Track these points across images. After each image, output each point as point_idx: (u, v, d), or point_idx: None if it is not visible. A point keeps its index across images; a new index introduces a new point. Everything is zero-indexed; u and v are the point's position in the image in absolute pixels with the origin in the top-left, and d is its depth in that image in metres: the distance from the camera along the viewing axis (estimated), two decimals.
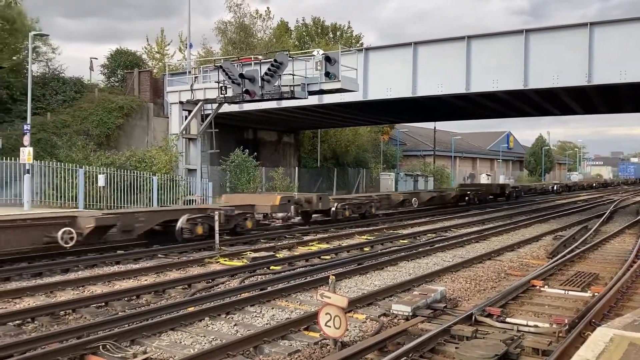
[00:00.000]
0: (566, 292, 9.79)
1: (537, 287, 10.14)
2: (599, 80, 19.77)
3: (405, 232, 19.33)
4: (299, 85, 19.62)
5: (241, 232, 16.80)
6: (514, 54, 21.10)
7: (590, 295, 9.45)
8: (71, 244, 12.38)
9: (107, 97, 27.59)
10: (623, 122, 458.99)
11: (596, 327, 5.50)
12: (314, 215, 21.76)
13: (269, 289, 9.86)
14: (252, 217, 17.36)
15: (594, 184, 72.68)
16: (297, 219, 21.22)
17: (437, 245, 15.54)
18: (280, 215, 19.07)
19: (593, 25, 19.82)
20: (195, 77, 24.53)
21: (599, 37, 19.68)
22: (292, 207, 19.06)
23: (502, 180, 63.05)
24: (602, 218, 23.24)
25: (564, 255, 13.38)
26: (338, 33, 50.13)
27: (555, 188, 54.04)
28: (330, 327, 6.58)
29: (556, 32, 20.91)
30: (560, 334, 7.02)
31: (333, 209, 21.08)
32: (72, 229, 12.47)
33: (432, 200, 30.30)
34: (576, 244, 15.52)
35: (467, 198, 33.06)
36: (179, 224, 14.88)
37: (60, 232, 12.24)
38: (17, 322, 7.74)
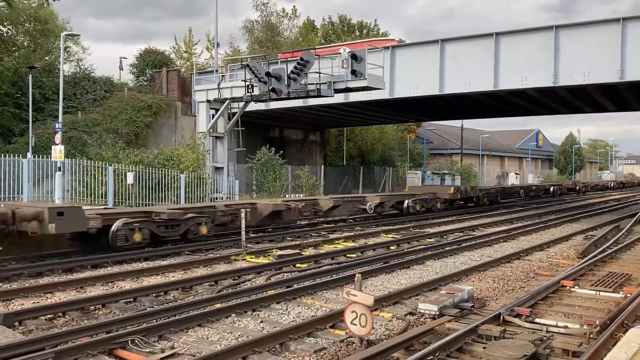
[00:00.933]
0: (597, 292, 9.60)
1: (567, 287, 9.96)
2: (632, 76, 19.28)
3: (431, 230, 19.17)
4: (325, 83, 19.60)
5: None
6: (544, 51, 20.73)
7: (623, 296, 9.24)
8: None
9: (136, 96, 28.02)
10: None
11: (629, 329, 5.37)
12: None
13: (295, 286, 9.88)
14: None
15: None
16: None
17: (464, 245, 15.38)
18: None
19: (626, 20, 19.34)
20: (222, 76, 24.73)
21: (632, 32, 19.20)
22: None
23: (530, 179, 62.07)
24: (635, 218, 22.70)
25: (595, 256, 13.11)
26: (365, 31, 49.95)
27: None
28: (356, 325, 6.56)
29: (587, 27, 20.47)
30: (591, 335, 6.87)
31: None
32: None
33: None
34: (608, 244, 15.19)
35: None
36: None
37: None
38: (49, 316, 7.91)
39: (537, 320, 7.71)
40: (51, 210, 11.90)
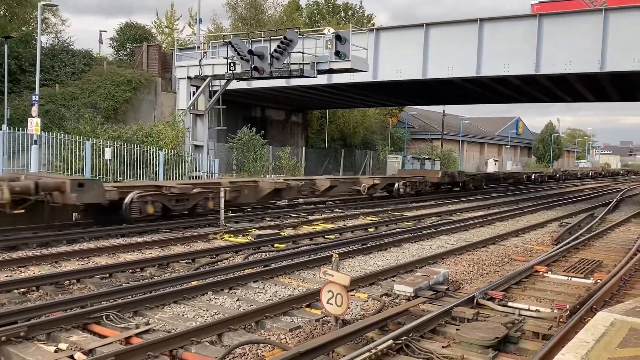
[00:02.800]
0: (569, 278, 9.78)
1: (541, 272, 10.13)
2: (612, 67, 19.53)
3: (409, 214, 19.31)
4: (309, 63, 19.48)
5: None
6: (527, 39, 20.85)
7: (593, 282, 9.43)
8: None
9: (115, 70, 27.54)
10: (634, 111, 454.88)
11: (597, 313, 5.50)
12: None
13: (273, 266, 9.91)
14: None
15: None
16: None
17: (441, 229, 15.53)
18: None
19: (608, 11, 19.54)
20: (204, 53, 24.40)
21: (613, 23, 19.40)
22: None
23: (509, 166, 62.75)
24: (609, 207, 23.14)
25: (569, 242, 13.35)
26: (349, 12, 49.63)
27: (534, 177, 45.25)
28: (332, 304, 6.60)
29: (570, 16, 20.64)
30: (561, 319, 7.02)
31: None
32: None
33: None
34: (581, 232, 15.48)
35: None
36: None
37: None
38: (22, 290, 7.82)
39: (510, 303, 7.84)
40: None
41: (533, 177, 44.57)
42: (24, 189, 12.09)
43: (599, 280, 9.31)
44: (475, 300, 7.73)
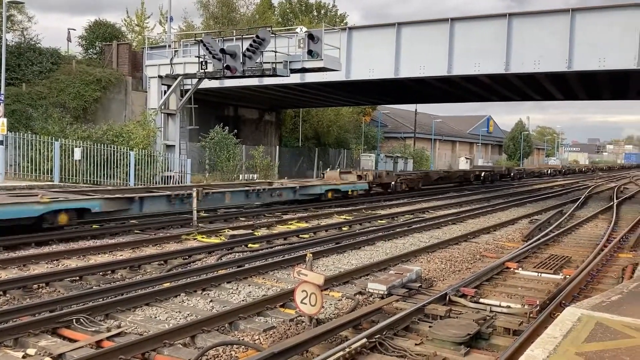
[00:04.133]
0: (539, 274, 9.97)
1: (511, 269, 10.30)
2: (579, 66, 19.94)
3: (383, 212, 19.43)
4: (281, 62, 19.42)
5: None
6: (497, 38, 21.14)
7: (562, 277, 9.63)
8: None
9: (84, 69, 27.06)
10: (601, 109, 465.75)
11: (565, 308, 5.61)
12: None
13: (246, 266, 9.86)
14: None
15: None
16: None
17: (414, 226, 15.67)
18: None
19: (575, 11, 19.93)
20: (175, 51, 24.14)
21: (580, 24, 19.80)
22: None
23: (480, 163, 63.58)
24: (577, 203, 23.65)
25: (539, 239, 13.60)
26: (322, 11, 49.67)
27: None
28: (306, 304, 6.60)
29: (539, 17, 20.99)
30: (532, 315, 7.15)
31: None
32: None
33: None
34: (551, 228, 15.78)
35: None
36: None
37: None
38: None
39: (481, 300, 7.95)
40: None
41: (482, 175, 40.09)
42: None
43: (567, 276, 9.51)
44: (447, 298, 7.82)
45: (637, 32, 18.64)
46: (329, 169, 29.42)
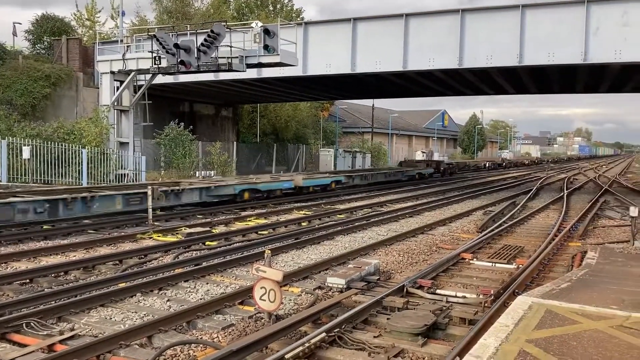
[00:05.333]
0: (493, 264, 10.22)
1: (467, 259, 10.53)
2: (529, 61, 20.44)
3: (342, 207, 19.54)
4: (237, 57, 19.23)
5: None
6: (450, 34, 21.47)
7: (515, 267, 9.90)
8: None
9: (32, 65, 26.11)
10: (552, 102, 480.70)
11: (517, 297, 5.77)
12: None
13: (204, 264, 9.76)
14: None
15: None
16: None
17: (372, 220, 15.82)
18: None
19: (525, 7, 20.40)
20: (128, 47, 23.56)
21: (530, 20, 20.30)
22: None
23: (435, 157, 64.62)
24: (529, 194, 24.34)
25: (493, 230, 13.95)
26: (278, 6, 49.37)
27: (487, 165, 46.46)
28: (265, 300, 6.58)
29: (490, 12, 21.39)
30: (486, 304, 7.33)
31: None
32: None
33: None
34: (504, 219, 16.20)
35: None
36: None
37: None
38: None
39: (438, 291, 8.11)
40: None
41: (487, 165, 39.17)
42: None
43: (520, 265, 9.79)
44: (405, 289, 7.94)
45: (583, 28, 19.26)
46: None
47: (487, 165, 59.22)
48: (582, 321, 5.00)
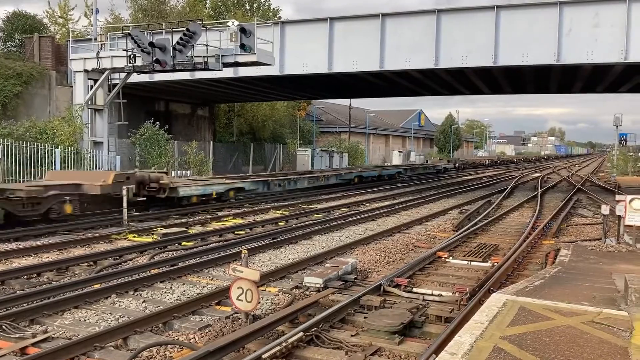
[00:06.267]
0: (469, 262, 10.34)
1: (443, 258, 10.63)
2: (504, 61, 20.73)
3: (320, 206, 19.56)
4: (213, 56, 19.10)
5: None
6: (427, 34, 21.63)
7: (490, 265, 10.03)
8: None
9: (3, 63, 25.55)
10: (526, 102, 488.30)
11: (492, 294, 5.84)
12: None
13: (180, 264, 9.68)
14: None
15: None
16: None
17: (349, 219, 15.86)
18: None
19: (500, 8, 20.67)
20: (102, 45, 23.22)
21: (505, 21, 20.57)
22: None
23: (412, 157, 65.10)
24: (504, 193, 24.67)
25: (468, 228, 14.11)
26: (255, 5, 49.18)
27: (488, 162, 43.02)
28: (242, 300, 6.56)
29: (466, 13, 21.62)
30: (462, 302, 7.41)
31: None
32: None
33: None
34: (479, 218, 16.39)
35: None
36: None
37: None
38: None
39: (414, 289, 8.17)
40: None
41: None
42: None
43: (495, 263, 9.92)
44: (382, 288, 7.98)
45: (557, 30, 19.59)
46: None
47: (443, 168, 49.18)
48: (554, 317, 5.09)
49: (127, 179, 15.40)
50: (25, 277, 8.74)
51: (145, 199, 17.23)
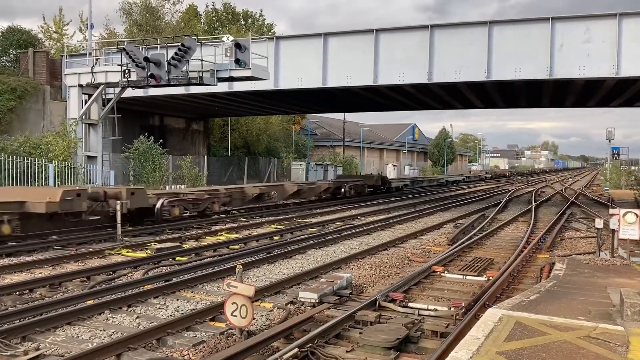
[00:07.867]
0: (464, 277, 10.32)
1: (438, 272, 10.60)
2: (497, 76, 20.90)
3: (314, 220, 19.53)
4: (208, 71, 19.16)
5: None
6: (420, 49, 21.80)
7: (486, 279, 10.01)
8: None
9: None
10: (519, 117, 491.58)
11: (488, 309, 5.82)
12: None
13: (174, 280, 9.61)
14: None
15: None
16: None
17: (344, 233, 15.84)
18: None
19: (492, 24, 20.88)
20: (97, 60, 23.28)
21: (497, 36, 20.78)
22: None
23: (407, 170, 65.27)
24: (498, 207, 24.72)
25: (463, 242, 14.10)
26: (250, 20, 49.49)
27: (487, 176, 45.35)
28: (236, 316, 6.51)
29: (459, 28, 21.83)
30: (457, 317, 7.38)
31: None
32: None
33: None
34: (474, 231, 16.40)
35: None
36: None
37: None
38: None
39: (410, 304, 8.14)
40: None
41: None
42: None
43: (490, 278, 9.90)
44: (377, 303, 7.94)
45: (549, 45, 19.80)
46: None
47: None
48: (550, 332, 5.07)
49: (77, 196, 14.21)
50: (17, 293, 8.65)
51: (99, 217, 15.48)
